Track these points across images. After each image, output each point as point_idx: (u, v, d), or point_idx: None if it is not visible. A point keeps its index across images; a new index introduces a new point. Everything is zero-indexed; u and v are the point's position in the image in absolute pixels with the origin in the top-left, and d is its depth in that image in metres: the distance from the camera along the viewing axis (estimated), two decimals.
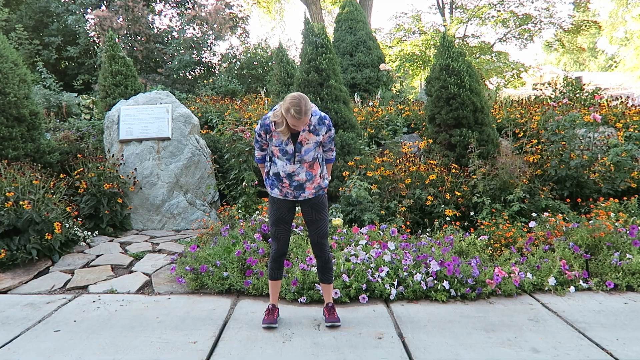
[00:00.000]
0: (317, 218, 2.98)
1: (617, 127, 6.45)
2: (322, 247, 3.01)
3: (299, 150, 2.81)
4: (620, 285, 3.66)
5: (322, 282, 3.13)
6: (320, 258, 3.05)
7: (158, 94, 6.53)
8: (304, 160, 2.83)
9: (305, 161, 2.83)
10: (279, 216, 2.97)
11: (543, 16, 19.94)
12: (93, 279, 4.04)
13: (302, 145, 2.80)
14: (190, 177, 6.07)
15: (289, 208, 2.99)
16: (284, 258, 3.08)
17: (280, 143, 2.82)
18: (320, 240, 3.01)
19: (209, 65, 13.03)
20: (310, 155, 2.83)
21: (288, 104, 2.64)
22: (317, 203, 2.97)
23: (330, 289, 3.14)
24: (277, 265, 3.05)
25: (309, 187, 2.90)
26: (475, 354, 2.69)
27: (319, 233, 3.01)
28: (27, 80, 5.93)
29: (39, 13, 13.16)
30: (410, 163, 5.26)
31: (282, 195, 2.94)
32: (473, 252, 4.09)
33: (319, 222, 2.99)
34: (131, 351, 2.77)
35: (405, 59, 19.14)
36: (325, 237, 3.03)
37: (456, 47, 6.05)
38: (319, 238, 3.02)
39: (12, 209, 4.35)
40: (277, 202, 2.97)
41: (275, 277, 3.09)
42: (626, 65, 27.98)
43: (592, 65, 40.94)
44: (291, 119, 2.65)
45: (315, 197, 2.96)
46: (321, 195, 2.99)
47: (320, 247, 3.02)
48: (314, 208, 2.98)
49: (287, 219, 3.00)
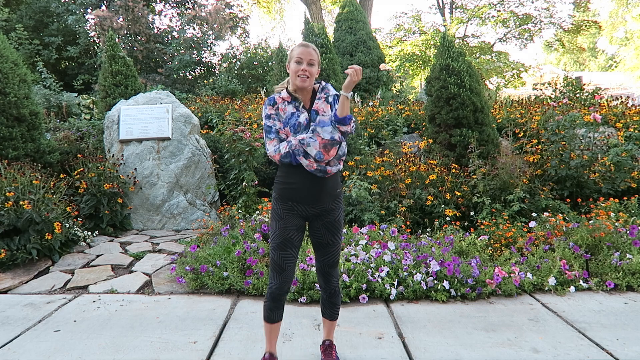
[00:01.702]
0: (330, 242, 2.37)
1: (617, 127, 6.45)
2: (330, 277, 2.44)
3: (314, 120, 2.25)
4: (620, 285, 3.66)
5: (325, 317, 2.57)
6: (327, 290, 2.48)
7: (158, 94, 6.53)
8: (317, 132, 2.22)
9: (319, 135, 2.20)
10: (285, 237, 2.26)
11: (543, 16, 19.97)
12: (93, 278, 4.05)
13: (318, 115, 2.26)
14: (191, 177, 6.07)
15: (298, 227, 2.30)
16: (286, 295, 2.37)
17: (291, 116, 2.26)
18: (329, 270, 2.43)
19: (209, 65, 13.02)
20: (327, 131, 2.18)
21: (290, 52, 2.29)
22: (334, 222, 2.35)
23: (333, 326, 2.60)
24: (278, 304, 2.34)
25: (330, 172, 2.25)
26: (475, 353, 2.69)
27: (329, 261, 2.41)
28: (27, 80, 5.93)
29: (39, 13, 13.16)
30: (410, 163, 5.27)
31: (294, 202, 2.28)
32: (473, 252, 4.09)
33: (331, 247, 2.38)
34: (131, 351, 2.77)
35: (405, 59, 19.14)
36: (336, 265, 2.45)
37: (456, 47, 6.05)
38: (328, 267, 2.42)
39: (12, 209, 4.35)
40: (285, 217, 2.28)
41: (274, 319, 2.37)
42: (626, 65, 27.97)
43: (592, 65, 40.95)
44: (297, 53, 2.22)
45: (333, 209, 2.34)
46: (340, 210, 2.39)
47: (327, 278, 2.44)
48: (328, 228, 2.35)
49: (296, 242, 2.30)
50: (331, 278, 2.44)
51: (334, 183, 2.34)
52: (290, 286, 2.34)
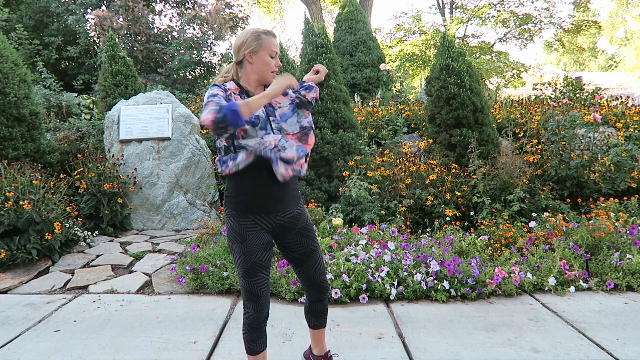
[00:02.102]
0: (313, 247, 2.12)
1: (617, 127, 6.45)
2: (324, 284, 2.18)
3: (272, 114, 1.97)
4: (620, 285, 3.66)
5: (315, 328, 2.28)
6: (322, 302, 2.20)
7: (158, 94, 6.53)
8: (284, 130, 1.96)
9: (287, 132, 1.96)
10: (253, 260, 1.93)
11: (543, 16, 19.98)
12: (93, 278, 4.05)
13: (275, 109, 1.99)
14: (191, 177, 6.07)
15: (265, 244, 1.97)
16: (266, 321, 2.05)
17: None
18: (323, 278, 2.17)
19: (209, 65, 13.03)
20: (292, 123, 1.98)
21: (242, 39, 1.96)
22: (306, 226, 2.11)
23: (323, 333, 2.33)
24: (259, 333, 2.03)
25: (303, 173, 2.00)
26: (475, 353, 2.69)
27: (319, 269, 2.15)
28: (27, 80, 5.94)
29: (39, 13, 13.16)
30: (410, 163, 5.27)
31: (255, 215, 1.94)
32: (473, 252, 4.09)
33: (316, 253, 2.13)
34: (131, 351, 2.77)
35: (405, 59, 19.15)
36: (324, 271, 2.21)
37: (456, 47, 6.05)
38: (321, 275, 2.16)
39: (12, 209, 4.35)
40: (248, 237, 1.93)
41: (258, 349, 2.04)
42: (626, 65, 27.98)
43: (592, 65, 40.97)
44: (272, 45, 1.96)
45: (300, 212, 2.08)
46: (306, 213, 2.14)
47: (322, 286, 2.17)
48: (303, 234, 2.09)
49: (266, 262, 1.98)
50: (325, 284, 2.18)
51: (294, 184, 2.07)
52: (268, 310, 2.03)
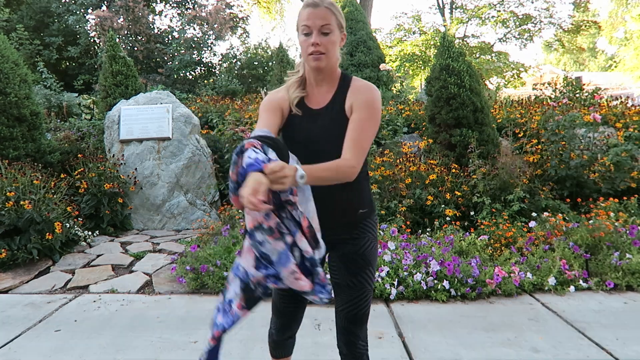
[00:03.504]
0: (351, 283, 1.57)
1: (617, 127, 6.45)
2: (353, 337, 1.61)
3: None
4: (620, 285, 3.67)
5: None
6: (348, 356, 1.62)
7: (158, 94, 6.54)
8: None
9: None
10: None
11: (543, 16, 19.97)
12: (94, 278, 4.05)
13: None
14: (191, 177, 6.08)
15: None
16: (290, 341, 1.78)
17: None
18: (351, 327, 1.60)
19: (209, 65, 13.04)
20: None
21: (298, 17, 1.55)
22: (355, 254, 1.57)
23: None
24: (281, 346, 1.79)
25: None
26: (475, 353, 2.70)
27: (349, 313, 1.59)
28: (27, 81, 5.94)
29: (39, 13, 13.18)
30: (411, 163, 5.27)
31: None
32: (473, 252, 4.10)
33: (352, 291, 1.58)
34: (132, 351, 2.77)
35: (406, 59, 19.14)
36: (361, 321, 1.61)
37: (456, 47, 6.06)
38: (348, 322, 1.60)
39: (13, 209, 4.36)
40: None
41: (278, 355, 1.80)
42: (626, 65, 27.93)
43: (592, 65, 40.96)
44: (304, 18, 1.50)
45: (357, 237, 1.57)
46: (367, 238, 1.59)
47: (349, 339, 1.61)
48: (345, 262, 1.58)
49: None
50: (355, 340, 1.60)
51: (353, 198, 1.54)
52: (294, 333, 1.71)
